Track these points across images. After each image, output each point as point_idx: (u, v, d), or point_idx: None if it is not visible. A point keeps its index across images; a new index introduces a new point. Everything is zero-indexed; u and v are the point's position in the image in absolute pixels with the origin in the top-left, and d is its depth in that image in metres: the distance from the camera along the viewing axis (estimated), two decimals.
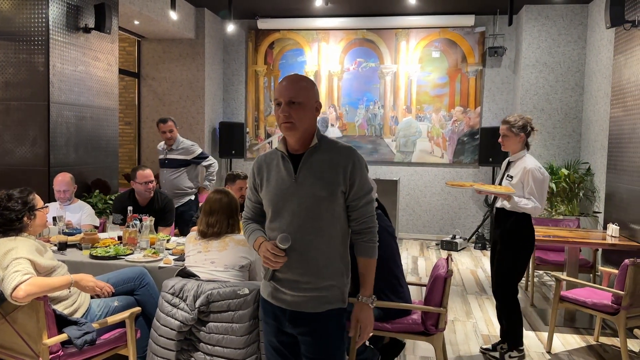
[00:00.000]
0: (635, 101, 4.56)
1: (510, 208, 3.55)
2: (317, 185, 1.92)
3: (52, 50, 4.92)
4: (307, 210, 1.92)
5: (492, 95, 7.97)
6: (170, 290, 2.60)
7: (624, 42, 4.86)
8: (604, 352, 3.97)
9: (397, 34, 8.11)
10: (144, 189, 4.32)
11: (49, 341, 2.46)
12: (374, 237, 2.01)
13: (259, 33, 8.40)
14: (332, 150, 1.97)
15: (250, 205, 2.12)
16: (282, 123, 1.92)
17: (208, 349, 2.54)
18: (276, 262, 1.89)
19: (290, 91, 1.91)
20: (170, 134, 5.29)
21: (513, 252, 3.61)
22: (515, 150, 3.66)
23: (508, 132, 3.61)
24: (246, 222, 2.12)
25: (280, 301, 1.98)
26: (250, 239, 2.07)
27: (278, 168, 1.99)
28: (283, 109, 1.91)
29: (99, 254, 3.32)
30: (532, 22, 7.19)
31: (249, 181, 2.11)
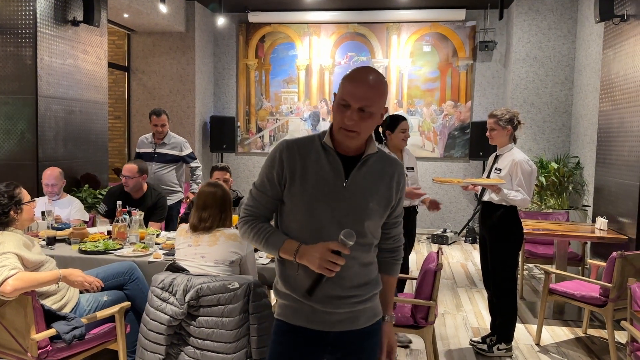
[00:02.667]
0: (623, 95, 4.59)
1: (499, 201, 3.57)
2: (371, 196, 1.69)
3: (39, 43, 4.87)
4: (356, 222, 1.67)
5: (482, 90, 7.99)
6: (160, 285, 2.60)
7: (612, 37, 4.88)
8: (591, 344, 4.01)
9: (388, 28, 8.10)
10: (123, 182, 4.25)
11: (37, 336, 2.45)
12: (402, 255, 1.89)
13: (249, 26, 8.36)
14: (384, 161, 1.76)
15: (264, 200, 1.75)
16: (344, 129, 1.64)
17: (198, 343, 2.54)
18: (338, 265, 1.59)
19: (366, 98, 1.61)
20: (162, 128, 5.11)
21: (503, 245, 3.64)
22: (502, 143, 3.68)
23: (495, 126, 3.63)
24: (253, 221, 1.76)
25: (322, 324, 1.69)
26: (270, 242, 1.70)
27: (320, 165, 1.68)
28: (351, 115, 1.61)
29: (88, 249, 3.31)
30: (523, 16, 7.21)
31: (269, 170, 1.73)
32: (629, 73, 4.51)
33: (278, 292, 1.77)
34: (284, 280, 1.73)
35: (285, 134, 8.43)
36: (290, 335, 1.72)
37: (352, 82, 1.63)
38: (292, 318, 1.71)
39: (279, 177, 1.70)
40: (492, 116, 3.66)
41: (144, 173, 4.34)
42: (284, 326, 1.74)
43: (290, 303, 1.72)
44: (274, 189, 1.72)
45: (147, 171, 4.45)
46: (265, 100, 8.47)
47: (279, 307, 1.77)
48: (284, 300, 1.74)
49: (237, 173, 8.53)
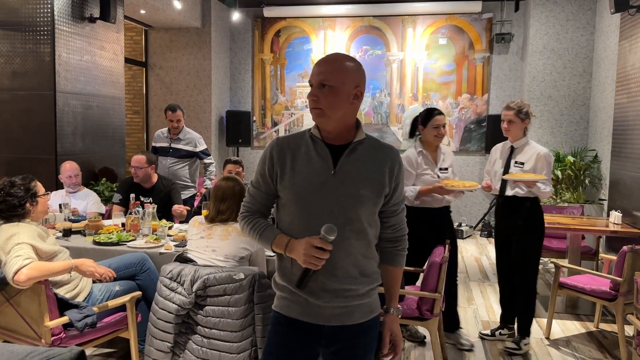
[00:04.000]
0: (638, 88, 4.52)
1: (525, 194, 3.54)
2: (361, 183, 1.69)
3: (57, 40, 4.98)
4: (348, 210, 1.67)
5: (499, 82, 7.92)
6: (169, 275, 2.67)
7: (629, 28, 4.80)
8: (603, 339, 3.98)
9: (403, 21, 8.07)
10: (132, 173, 4.35)
11: (50, 323, 2.54)
12: (406, 245, 1.86)
13: (265, 21, 8.40)
14: (376, 148, 1.75)
15: (259, 196, 1.78)
16: (311, 108, 1.69)
17: (205, 332, 2.61)
18: (322, 259, 1.61)
19: (323, 72, 1.65)
20: (177, 124, 5.21)
21: (530, 238, 3.62)
22: (519, 136, 3.64)
23: (515, 118, 3.57)
24: (250, 216, 1.79)
25: (316, 317, 1.70)
26: (264, 236, 1.74)
27: (309, 157, 1.71)
28: (312, 92, 1.67)
29: (101, 240, 3.40)
30: (540, 7, 7.12)
31: (262, 167, 1.77)
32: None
33: (276, 284, 1.79)
34: (280, 272, 1.76)
35: (300, 127, 8.46)
36: (286, 326, 1.73)
37: (315, 65, 1.69)
38: (288, 310, 1.73)
39: (270, 173, 1.73)
40: (509, 108, 3.60)
41: (152, 164, 4.44)
42: (281, 317, 1.75)
43: (286, 295, 1.74)
44: (266, 184, 1.75)
45: (156, 162, 4.54)
46: (281, 94, 8.52)
47: (277, 299, 1.79)
48: (280, 292, 1.77)
49: (252, 167, 8.61)
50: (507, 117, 3.60)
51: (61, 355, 1.68)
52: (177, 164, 5.22)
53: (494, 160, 3.82)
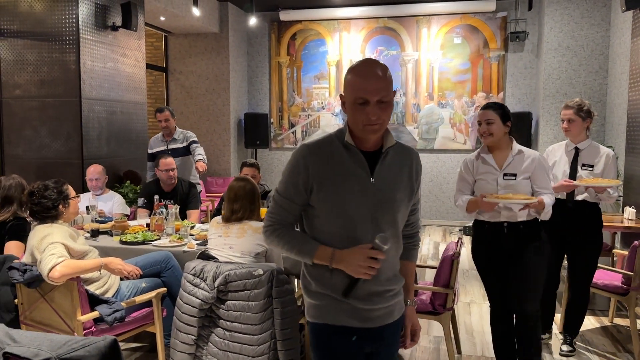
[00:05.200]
0: None
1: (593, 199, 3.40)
2: (397, 188, 1.72)
3: (82, 49, 5.18)
4: (387, 215, 1.69)
5: (515, 81, 7.95)
6: (192, 271, 2.81)
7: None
8: (617, 333, 4.03)
9: (418, 21, 8.15)
10: (166, 177, 4.53)
11: (82, 318, 2.71)
12: (420, 240, 1.93)
13: (281, 25, 8.55)
14: (401, 151, 1.77)
15: (291, 207, 1.72)
16: (368, 125, 1.63)
17: (227, 325, 2.75)
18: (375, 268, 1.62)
19: (381, 89, 1.62)
20: (165, 123, 5.43)
21: (599, 243, 3.55)
22: (582, 136, 3.43)
23: (575, 117, 3.37)
24: (282, 229, 1.73)
25: (364, 321, 1.70)
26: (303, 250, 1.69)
27: (345, 164, 1.68)
28: (373, 110, 1.61)
29: (128, 240, 3.57)
30: (554, 5, 7.14)
31: (294, 177, 1.69)
32: None
33: (311, 293, 1.74)
34: (318, 281, 1.72)
35: (317, 129, 8.60)
36: (334, 335, 1.71)
37: (363, 79, 1.63)
38: (334, 318, 1.70)
39: (305, 183, 1.68)
40: (568, 107, 3.40)
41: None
42: (325, 327, 1.71)
43: (326, 303, 1.70)
44: (300, 195, 1.69)
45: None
46: (297, 96, 8.66)
47: (315, 309, 1.73)
48: (318, 301, 1.72)
49: (270, 168, 8.77)
50: (566, 115, 3.40)
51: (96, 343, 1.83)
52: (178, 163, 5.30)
53: (552, 162, 3.55)
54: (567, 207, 3.46)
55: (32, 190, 2.88)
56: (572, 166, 3.45)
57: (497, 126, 2.88)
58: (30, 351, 1.76)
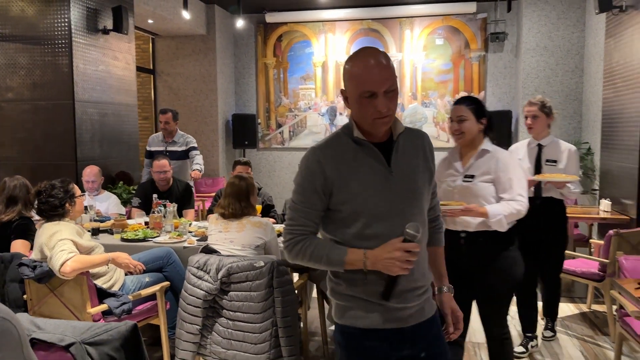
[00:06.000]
0: (624, 83, 4.81)
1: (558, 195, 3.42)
2: (416, 175, 1.66)
3: (74, 52, 5.28)
4: (412, 205, 1.63)
5: (495, 80, 8.20)
6: (196, 265, 2.96)
7: (613, 27, 5.09)
8: (595, 318, 4.27)
9: (401, 23, 8.36)
10: (158, 178, 4.64)
11: (92, 310, 2.84)
12: (443, 223, 1.88)
13: (267, 26, 8.70)
14: (411, 136, 1.71)
15: (313, 214, 1.64)
16: (379, 118, 1.57)
17: (230, 315, 2.90)
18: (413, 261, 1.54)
19: (388, 78, 1.55)
20: (166, 125, 5.53)
21: (565, 238, 3.64)
22: (544, 132, 3.47)
23: (539, 113, 3.41)
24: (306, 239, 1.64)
25: (397, 321, 1.63)
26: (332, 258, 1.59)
27: (360, 162, 1.61)
28: (382, 102, 1.54)
29: (129, 237, 3.70)
30: (532, 7, 7.40)
31: (311, 183, 1.61)
32: (628, 61, 4.72)
33: (339, 294, 1.67)
34: (350, 283, 1.64)
35: (304, 128, 8.76)
36: (367, 339, 1.64)
37: (368, 70, 1.54)
38: (367, 322, 1.63)
39: (324, 187, 1.60)
40: (533, 104, 3.42)
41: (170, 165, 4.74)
42: (358, 332, 1.64)
43: (357, 304, 1.63)
44: (320, 200, 1.62)
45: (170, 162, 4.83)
46: (284, 97, 8.81)
47: (344, 310, 1.66)
48: (349, 303, 1.65)
49: (258, 168, 8.90)
50: (531, 112, 3.42)
51: (118, 328, 1.98)
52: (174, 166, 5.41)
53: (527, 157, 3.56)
54: (535, 205, 3.24)
55: (40, 190, 3.00)
56: (536, 163, 3.46)
57: (470, 124, 2.50)
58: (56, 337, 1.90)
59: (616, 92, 5.00)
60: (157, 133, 5.75)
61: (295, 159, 8.73)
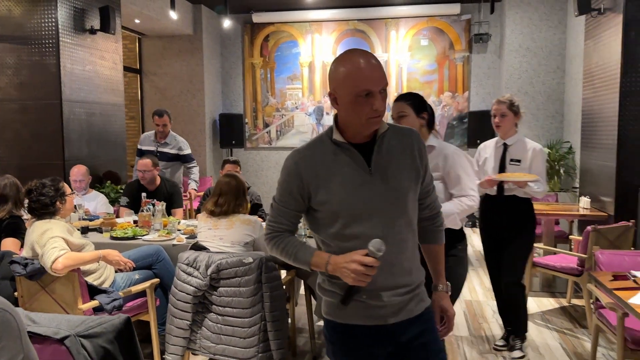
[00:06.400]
0: (602, 83, 4.95)
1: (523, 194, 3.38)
2: (400, 175, 1.64)
3: (62, 52, 5.29)
4: (394, 205, 1.62)
5: (479, 80, 8.34)
6: (185, 261, 3.02)
7: (592, 28, 5.23)
8: (574, 312, 4.40)
9: (386, 23, 8.46)
10: (140, 177, 4.65)
11: (83, 306, 2.88)
12: (443, 221, 1.86)
13: (254, 27, 8.75)
14: (398, 134, 1.69)
15: (288, 214, 1.70)
16: (373, 117, 1.57)
17: (220, 310, 2.96)
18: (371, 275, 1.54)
19: (382, 77, 1.57)
20: (163, 128, 5.50)
21: (529, 238, 3.52)
22: (512, 131, 3.45)
23: (507, 112, 3.38)
24: (279, 236, 1.72)
25: (375, 318, 1.65)
26: (299, 258, 1.67)
27: (339, 163, 1.63)
28: (378, 100, 1.56)
29: (119, 235, 3.74)
30: (515, 8, 7.54)
31: (288, 185, 1.67)
32: (606, 63, 4.86)
33: (324, 290, 1.72)
34: (329, 278, 1.69)
35: (291, 128, 8.83)
36: (344, 334, 1.69)
37: (364, 70, 1.55)
38: (342, 316, 1.68)
39: (301, 190, 1.65)
40: (501, 102, 3.41)
41: (157, 166, 4.75)
42: (338, 327, 1.70)
43: (337, 300, 1.66)
44: (296, 202, 1.68)
45: (158, 163, 4.84)
46: (271, 96, 8.87)
47: (327, 306, 1.72)
48: (331, 298, 1.70)
49: (246, 167, 8.95)
50: (499, 111, 3.40)
51: (112, 321, 2.04)
52: (164, 167, 5.46)
53: (483, 159, 3.59)
54: (498, 203, 3.46)
55: (30, 188, 3.04)
56: (501, 162, 3.46)
57: (410, 120, 2.53)
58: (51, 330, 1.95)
59: (595, 93, 5.14)
60: (149, 132, 5.71)
61: (282, 159, 8.72)
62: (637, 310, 2.26)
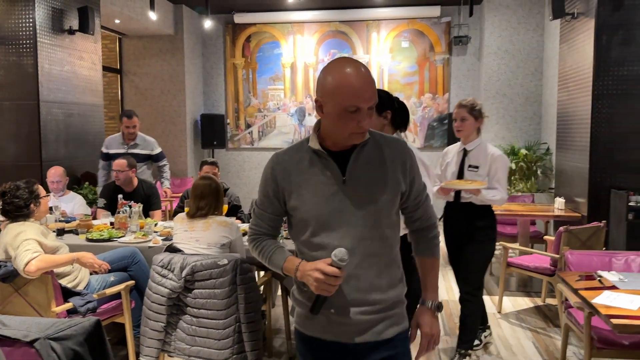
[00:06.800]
0: (575, 86, 5.05)
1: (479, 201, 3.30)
2: (374, 187, 1.59)
3: (40, 52, 5.25)
4: (366, 217, 1.57)
5: (458, 82, 8.43)
6: (160, 264, 3.02)
7: (567, 32, 5.33)
8: (548, 311, 4.48)
9: (368, 25, 8.51)
10: (115, 177, 4.60)
11: (57, 309, 2.88)
12: (438, 234, 1.78)
13: (235, 27, 8.75)
14: (382, 145, 1.64)
15: (266, 217, 1.71)
16: (356, 133, 1.54)
17: (194, 312, 2.97)
18: (334, 285, 1.50)
19: (373, 95, 1.54)
20: (133, 129, 5.40)
21: (488, 246, 3.41)
22: (472, 136, 3.35)
23: (468, 115, 3.29)
24: (258, 238, 1.73)
25: (339, 334, 1.60)
26: (273, 261, 1.67)
27: (314, 170, 1.60)
28: (364, 117, 1.53)
29: (94, 237, 3.73)
30: (494, 11, 7.64)
31: (264, 188, 1.68)
32: (580, 66, 4.96)
33: (295, 298, 1.71)
34: (299, 287, 1.68)
35: (273, 129, 8.84)
36: (308, 345, 1.67)
37: (356, 86, 1.50)
38: (308, 328, 1.66)
39: (276, 193, 1.65)
40: (462, 106, 3.32)
41: (133, 167, 4.70)
42: (304, 338, 1.69)
43: (305, 311, 1.64)
44: (272, 205, 1.68)
45: (136, 165, 4.79)
46: (253, 97, 8.88)
47: (297, 315, 1.71)
48: (299, 307, 1.69)
49: (227, 168, 8.95)
50: (459, 114, 3.32)
51: (82, 323, 2.04)
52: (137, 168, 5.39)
53: (445, 163, 3.52)
54: (456, 210, 3.42)
55: (4, 191, 3.02)
56: (460, 168, 3.38)
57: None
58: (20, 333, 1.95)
59: (569, 95, 5.24)
60: (116, 135, 5.55)
61: (264, 159, 8.79)
62: (599, 310, 2.32)
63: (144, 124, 8.31)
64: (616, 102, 4.67)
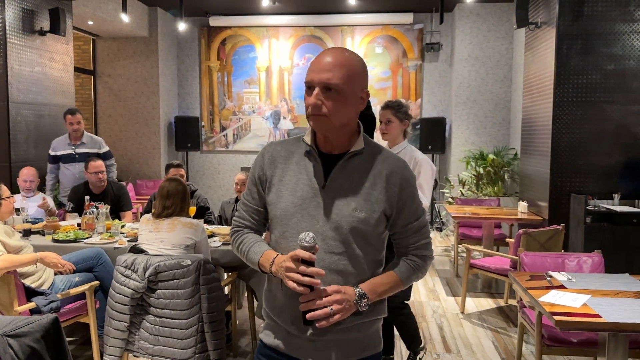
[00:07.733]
0: (538, 93, 5.21)
1: None
2: (354, 200, 1.45)
3: (9, 53, 5.23)
4: (337, 231, 1.44)
5: (430, 88, 8.58)
6: (124, 264, 3.05)
7: (531, 41, 5.50)
8: (510, 312, 4.61)
9: (342, 31, 8.62)
10: (95, 179, 4.55)
11: (19, 308, 2.89)
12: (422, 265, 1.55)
13: (211, 30, 8.78)
14: (377, 159, 1.49)
15: (249, 209, 1.60)
16: (312, 114, 1.41)
17: (157, 312, 3.01)
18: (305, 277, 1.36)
19: (328, 70, 1.39)
20: (78, 126, 5.22)
21: None
22: (397, 139, 3.17)
23: (393, 118, 3.13)
24: (239, 231, 1.61)
25: (297, 350, 1.49)
26: (250, 255, 1.54)
27: (299, 166, 1.50)
28: (316, 95, 1.39)
29: (60, 238, 3.74)
30: (464, 19, 7.81)
31: (252, 175, 1.58)
32: (542, 73, 5.12)
33: (263, 310, 1.61)
34: (265, 295, 1.59)
35: (248, 132, 8.89)
36: (266, 356, 1.56)
37: (315, 60, 1.43)
38: (268, 338, 1.56)
39: (262, 181, 1.55)
40: (388, 107, 3.16)
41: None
42: (262, 346, 1.58)
43: (268, 322, 1.57)
44: (258, 194, 1.57)
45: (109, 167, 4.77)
46: (228, 100, 8.91)
47: (263, 325, 1.62)
48: (266, 318, 1.60)
49: (202, 170, 8.96)
50: (384, 116, 3.15)
51: (39, 321, 2.08)
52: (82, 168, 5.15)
53: None
54: None
55: None
56: None
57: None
58: None
59: (532, 102, 5.40)
60: (62, 136, 5.36)
61: (239, 162, 8.84)
62: (544, 308, 2.43)
63: (117, 125, 8.32)
64: (576, 109, 4.84)
